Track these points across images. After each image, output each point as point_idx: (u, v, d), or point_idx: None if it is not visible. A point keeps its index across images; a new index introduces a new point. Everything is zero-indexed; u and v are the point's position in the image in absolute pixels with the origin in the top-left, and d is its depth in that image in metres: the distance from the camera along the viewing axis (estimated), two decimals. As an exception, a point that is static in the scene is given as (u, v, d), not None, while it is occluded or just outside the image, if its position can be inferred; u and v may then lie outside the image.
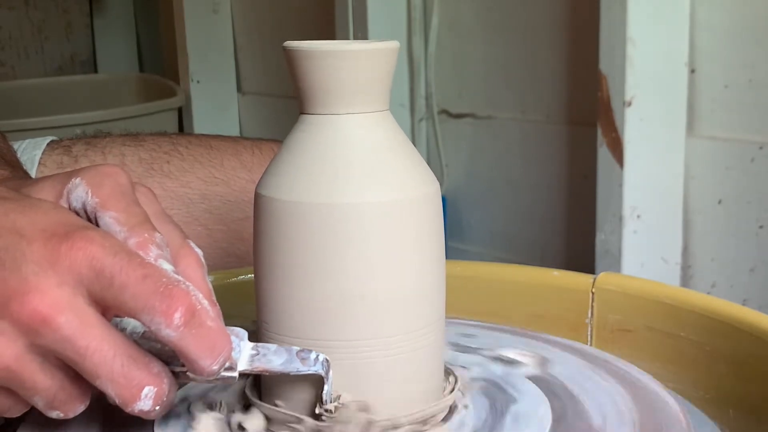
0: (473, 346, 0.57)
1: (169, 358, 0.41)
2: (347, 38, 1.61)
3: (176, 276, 0.40)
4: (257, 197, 0.46)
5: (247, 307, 0.63)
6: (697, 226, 1.19)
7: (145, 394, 0.40)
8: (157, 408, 0.40)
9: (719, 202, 1.17)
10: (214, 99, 2.15)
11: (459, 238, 1.57)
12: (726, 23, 1.13)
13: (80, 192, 0.44)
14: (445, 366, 0.49)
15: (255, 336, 0.47)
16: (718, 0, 1.13)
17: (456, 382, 0.49)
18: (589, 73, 1.24)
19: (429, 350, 0.46)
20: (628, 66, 1.12)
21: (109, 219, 0.43)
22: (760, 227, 1.13)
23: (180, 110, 2.16)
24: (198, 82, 2.14)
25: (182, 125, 2.16)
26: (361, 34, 1.57)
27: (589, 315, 0.63)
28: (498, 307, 0.66)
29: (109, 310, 0.40)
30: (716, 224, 1.18)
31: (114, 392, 0.40)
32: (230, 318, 0.68)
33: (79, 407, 0.41)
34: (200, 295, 0.40)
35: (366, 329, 0.44)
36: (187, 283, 0.40)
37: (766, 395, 0.51)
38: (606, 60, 1.15)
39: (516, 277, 0.67)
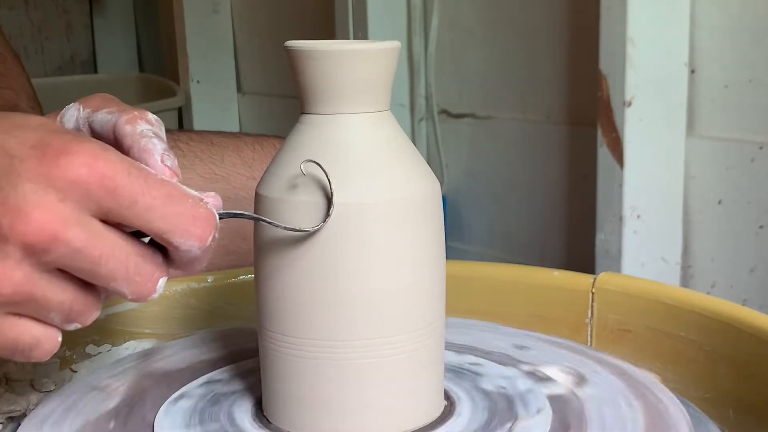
0: (519, 359, 0.56)
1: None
2: (347, 38, 1.61)
3: (195, 192, 0.41)
4: (258, 197, 0.46)
5: (247, 307, 0.63)
6: (697, 226, 1.19)
7: (160, 285, 0.41)
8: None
9: (719, 202, 1.17)
10: (214, 99, 2.15)
11: (459, 238, 1.57)
12: (726, 23, 1.13)
13: (72, 111, 0.46)
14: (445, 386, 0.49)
15: (255, 336, 0.47)
16: (718, 0, 1.13)
17: (452, 406, 0.49)
18: (589, 73, 1.24)
19: (429, 350, 0.46)
20: (628, 66, 1.12)
21: (101, 115, 0.44)
22: (760, 227, 1.13)
23: (180, 110, 2.16)
24: (198, 82, 2.14)
25: (182, 125, 2.16)
26: (361, 34, 1.57)
27: (589, 315, 0.63)
28: (498, 307, 0.66)
29: (120, 224, 0.40)
30: (716, 224, 1.17)
31: (130, 290, 0.41)
32: (231, 318, 0.68)
33: (94, 314, 0.42)
34: (209, 203, 0.41)
35: (365, 329, 0.44)
36: (204, 198, 0.41)
37: (766, 395, 0.51)
38: (606, 60, 1.15)
39: (516, 277, 0.67)
